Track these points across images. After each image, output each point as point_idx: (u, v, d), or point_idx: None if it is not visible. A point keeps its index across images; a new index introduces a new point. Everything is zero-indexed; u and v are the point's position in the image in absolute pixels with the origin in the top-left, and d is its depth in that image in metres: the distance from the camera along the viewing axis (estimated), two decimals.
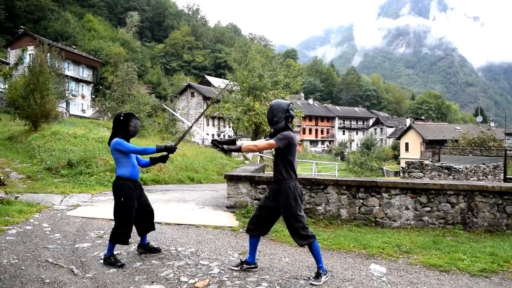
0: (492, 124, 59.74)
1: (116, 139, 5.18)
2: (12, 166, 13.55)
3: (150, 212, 5.52)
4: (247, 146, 4.77)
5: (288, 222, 4.69)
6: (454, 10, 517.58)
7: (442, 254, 5.76)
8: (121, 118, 5.26)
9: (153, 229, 5.65)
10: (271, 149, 4.85)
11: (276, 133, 4.69)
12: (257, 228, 4.88)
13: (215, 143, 4.70)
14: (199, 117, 6.27)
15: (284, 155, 4.70)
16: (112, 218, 7.15)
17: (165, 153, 5.38)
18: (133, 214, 5.21)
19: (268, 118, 4.85)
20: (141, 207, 5.37)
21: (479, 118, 66.73)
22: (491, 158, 26.21)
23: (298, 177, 4.83)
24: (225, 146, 4.63)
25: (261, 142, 4.87)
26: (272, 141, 4.64)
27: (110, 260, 5.03)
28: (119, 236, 5.10)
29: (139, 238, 6.08)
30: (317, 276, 4.61)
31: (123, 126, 5.23)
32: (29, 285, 4.28)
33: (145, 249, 5.53)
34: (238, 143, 4.76)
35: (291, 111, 4.74)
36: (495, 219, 7.23)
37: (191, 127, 5.63)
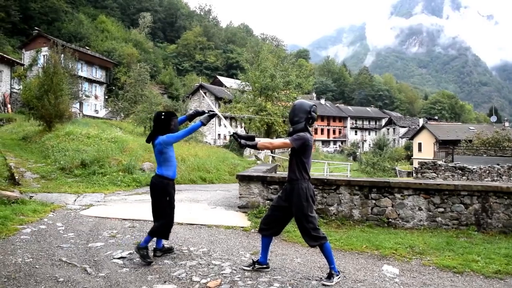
0: (506, 124, 58.91)
1: (164, 136, 5.19)
2: (27, 166, 13.67)
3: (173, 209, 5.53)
4: (263, 143, 4.77)
5: (299, 222, 4.68)
6: (468, 9, 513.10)
7: (455, 256, 5.71)
8: (162, 117, 5.28)
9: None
10: (285, 148, 4.84)
11: (294, 133, 4.68)
12: (269, 228, 4.87)
13: (235, 136, 4.73)
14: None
15: (299, 156, 4.69)
16: (125, 217, 7.19)
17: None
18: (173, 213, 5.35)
19: (289, 117, 4.86)
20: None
21: (493, 118, 65.99)
22: (505, 159, 25.94)
23: (310, 177, 4.83)
24: (242, 141, 4.66)
25: (277, 140, 4.87)
26: (287, 140, 4.62)
27: (143, 252, 5.08)
28: (166, 232, 5.23)
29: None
30: (329, 276, 4.60)
31: (165, 125, 5.25)
32: (43, 284, 4.32)
33: (162, 251, 5.49)
34: (256, 139, 4.79)
35: (313, 113, 4.72)
36: (510, 220, 7.14)
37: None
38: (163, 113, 5.34)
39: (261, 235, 4.96)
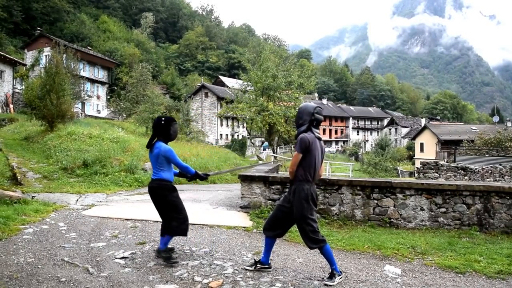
0: (508, 124, 58.71)
1: (168, 147, 5.21)
2: (29, 166, 13.69)
3: None
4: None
5: (298, 224, 4.68)
6: (470, 9, 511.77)
7: (457, 256, 5.70)
8: (162, 122, 5.29)
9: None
10: (288, 149, 4.84)
11: (297, 135, 4.70)
12: (272, 228, 4.86)
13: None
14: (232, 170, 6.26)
15: (301, 157, 4.68)
16: (127, 217, 7.21)
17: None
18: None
19: (296, 121, 4.86)
20: None
21: (496, 118, 65.94)
22: (508, 159, 25.90)
23: (315, 179, 4.78)
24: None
25: (292, 162, 4.80)
26: (295, 153, 4.69)
27: (166, 255, 5.16)
28: (185, 228, 5.27)
29: (153, 238, 6.16)
30: (331, 276, 4.59)
31: (164, 131, 5.27)
32: (45, 284, 4.32)
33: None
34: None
35: (316, 115, 4.70)
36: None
37: (229, 171, 5.88)
38: (163, 119, 5.36)
39: (265, 236, 4.96)
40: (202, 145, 27.76)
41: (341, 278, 4.64)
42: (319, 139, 4.75)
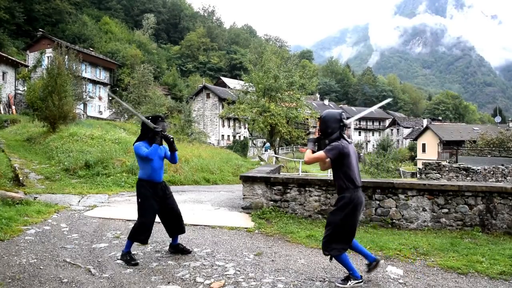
0: (511, 124, 58.58)
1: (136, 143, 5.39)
2: (31, 167, 13.71)
3: (177, 215, 5.58)
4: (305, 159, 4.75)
5: (325, 227, 4.66)
6: (471, 8, 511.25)
7: (460, 257, 5.69)
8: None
9: (182, 232, 5.67)
10: (321, 161, 4.70)
11: (330, 143, 4.57)
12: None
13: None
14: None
15: (339, 166, 4.56)
16: (129, 218, 7.23)
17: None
18: (151, 214, 5.32)
19: (321, 130, 4.71)
20: (167, 210, 5.48)
21: (498, 119, 65.71)
22: (510, 159, 25.82)
23: (358, 185, 4.62)
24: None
25: (311, 154, 4.67)
26: (321, 152, 4.53)
27: (126, 258, 5.19)
28: (136, 234, 5.26)
29: (154, 238, 6.18)
30: (346, 279, 4.58)
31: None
32: (47, 285, 4.33)
33: (176, 249, 5.61)
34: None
35: (344, 120, 4.61)
36: None
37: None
38: (150, 117, 5.47)
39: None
40: (204, 146, 27.74)
41: (359, 283, 4.57)
42: (350, 143, 4.64)
